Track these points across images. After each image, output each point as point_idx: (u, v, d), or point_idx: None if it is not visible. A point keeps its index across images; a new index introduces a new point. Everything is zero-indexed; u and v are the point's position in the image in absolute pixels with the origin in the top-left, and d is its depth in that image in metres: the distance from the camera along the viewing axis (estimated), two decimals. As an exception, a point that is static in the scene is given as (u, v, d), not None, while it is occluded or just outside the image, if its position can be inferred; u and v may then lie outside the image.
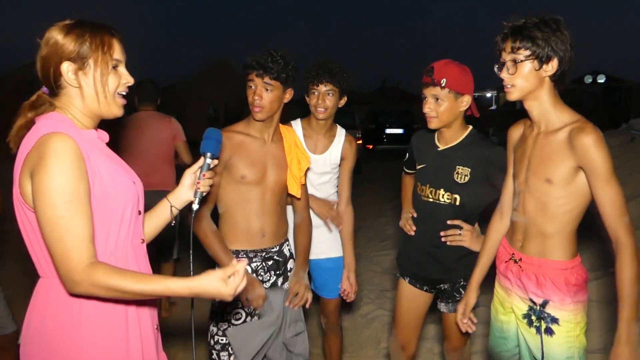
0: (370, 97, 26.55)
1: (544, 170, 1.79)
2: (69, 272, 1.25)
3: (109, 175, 1.39)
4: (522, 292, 1.92)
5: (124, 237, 1.44)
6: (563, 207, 1.79)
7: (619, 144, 5.73)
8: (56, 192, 1.24)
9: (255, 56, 2.17)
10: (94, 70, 1.39)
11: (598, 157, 1.65)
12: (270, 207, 2.26)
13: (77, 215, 1.26)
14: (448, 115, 2.22)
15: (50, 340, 1.35)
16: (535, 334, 1.88)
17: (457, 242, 2.30)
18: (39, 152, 1.27)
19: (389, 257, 5.08)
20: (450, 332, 2.45)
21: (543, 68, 1.75)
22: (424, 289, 2.44)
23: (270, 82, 2.15)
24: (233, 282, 1.32)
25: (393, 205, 2.69)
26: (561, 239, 1.82)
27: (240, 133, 2.24)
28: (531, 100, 1.81)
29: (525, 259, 1.89)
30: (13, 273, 4.67)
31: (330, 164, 2.73)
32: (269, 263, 2.29)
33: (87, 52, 1.38)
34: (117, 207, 1.40)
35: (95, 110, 1.43)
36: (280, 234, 2.34)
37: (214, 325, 2.25)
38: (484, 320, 3.51)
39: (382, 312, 4.02)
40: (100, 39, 1.40)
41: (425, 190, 2.36)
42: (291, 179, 2.30)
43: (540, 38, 1.72)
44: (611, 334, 3.01)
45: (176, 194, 1.67)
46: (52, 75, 1.38)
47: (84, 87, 1.40)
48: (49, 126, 1.33)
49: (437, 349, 3.37)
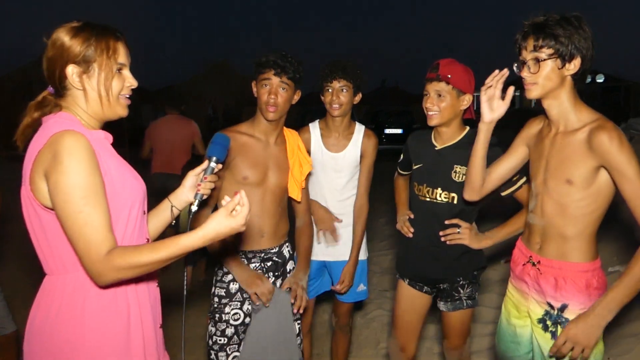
0: (370, 97, 26.57)
1: (563, 171, 1.74)
2: (92, 264, 1.29)
3: (118, 174, 1.42)
4: (539, 296, 1.87)
5: (130, 235, 1.45)
6: (584, 209, 1.74)
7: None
8: (73, 189, 1.27)
9: (271, 55, 2.17)
10: (98, 74, 1.41)
11: (621, 155, 1.60)
12: (270, 208, 2.26)
13: (95, 209, 1.29)
14: (449, 112, 2.23)
15: (53, 334, 1.38)
16: (551, 339, 1.82)
17: (456, 240, 2.30)
18: (52, 151, 1.29)
19: (388, 257, 5.09)
20: (450, 330, 2.45)
21: (565, 67, 1.71)
22: (424, 290, 2.44)
23: (287, 81, 2.17)
24: (240, 213, 1.37)
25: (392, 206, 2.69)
26: (582, 241, 1.77)
27: (245, 134, 2.24)
28: (551, 99, 1.77)
29: (544, 261, 1.84)
30: (13, 273, 4.68)
31: (349, 163, 2.70)
32: (268, 264, 2.29)
33: (92, 56, 1.40)
34: (124, 206, 1.42)
35: (98, 112, 1.46)
36: (280, 235, 2.34)
37: (212, 325, 2.25)
38: (485, 320, 3.53)
39: (381, 312, 4.02)
40: (106, 43, 1.41)
41: (422, 190, 2.36)
42: (292, 182, 2.30)
43: (563, 36, 1.68)
44: (611, 333, 3.03)
45: (177, 195, 1.69)
46: (57, 77, 1.40)
47: (87, 90, 1.42)
48: (60, 125, 1.35)
49: (437, 348, 3.37)
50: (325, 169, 2.70)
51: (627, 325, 3.06)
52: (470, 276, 2.37)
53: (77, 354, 1.38)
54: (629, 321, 3.08)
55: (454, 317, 2.40)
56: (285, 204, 2.36)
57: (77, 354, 1.38)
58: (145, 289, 1.51)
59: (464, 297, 2.36)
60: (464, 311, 2.38)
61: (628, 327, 3.04)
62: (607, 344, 2.95)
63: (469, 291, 2.36)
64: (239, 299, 2.24)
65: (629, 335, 2.97)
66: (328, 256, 2.76)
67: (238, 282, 2.21)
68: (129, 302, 1.45)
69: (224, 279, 2.26)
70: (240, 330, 2.25)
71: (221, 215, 1.35)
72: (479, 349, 3.24)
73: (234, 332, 2.24)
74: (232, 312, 2.24)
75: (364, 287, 2.85)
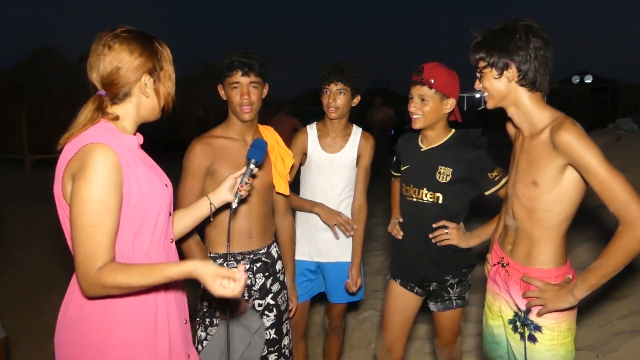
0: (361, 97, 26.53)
1: (530, 173, 1.76)
2: (83, 276, 1.35)
3: (147, 182, 1.48)
4: (508, 297, 1.91)
5: (157, 238, 1.53)
6: (550, 212, 1.75)
7: (606, 144, 5.79)
8: (89, 202, 1.34)
9: (235, 56, 2.16)
10: (165, 80, 1.55)
11: (582, 148, 1.60)
12: (257, 208, 2.26)
13: (103, 226, 1.36)
14: (432, 115, 2.27)
15: (84, 326, 1.45)
16: (519, 340, 1.86)
17: (445, 242, 2.33)
18: (81, 161, 1.36)
19: (379, 258, 5.10)
20: (441, 330, 2.47)
21: (505, 75, 1.74)
22: (414, 291, 2.46)
23: (256, 79, 2.16)
24: (222, 287, 1.39)
25: (383, 207, 2.70)
26: (548, 244, 1.78)
27: (220, 137, 2.23)
28: (511, 107, 1.81)
29: (512, 264, 1.88)
30: (3, 279, 4.65)
31: (346, 164, 2.71)
32: (258, 265, 2.29)
33: (162, 65, 1.53)
34: (152, 212, 1.49)
35: (155, 115, 1.57)
36: (268, 235, 2.34)
37: (202, 330, 2.24)
38: (475, 320, 3.55)
39: (373, 313, 4.02)
40: (168, 53, 1.55)
41: (409, 191, 2.39)
42: (277, 177, 2.29)
43: (494, 47, 1.72)
44: (600, 330, 3.07)
45: (217, 194, 1.81)
46: (124, 85, 1.47)
47: (154, 97, 1.53)
48: (94, 136, 1.41)
49: (427, 348, 3.39)
50: (322, 170, 2.71)
51: (617, 323, 3.09)
52: (460, 274, 2.39)
53: (106, 346, 1.44)
54: (618, 318, 3.11)
55: (444, 316, 2.43)
56: (270, 203, 2.37)
57: (107, 346, 1.44)
58: (171, 287, 1.57)
59: (454, 297, 2.38)
60: (454, 311, 2.41)
61: (617, 324, 3.07)
62: (596, 341, 2.99)
63: (458, 291, 2.39)
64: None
65: (618, 332, 3.00)
66: (323, 258, 2.77)
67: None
68: (157, 297, 1.51)
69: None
70: (232, 334, 2.24)
71: (212, 272, 1.39)
72: (469, 348, 3.25)
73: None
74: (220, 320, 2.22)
75: None
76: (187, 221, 1.80)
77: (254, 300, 2.30)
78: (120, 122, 1.50)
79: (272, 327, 2.34)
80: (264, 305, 2.32)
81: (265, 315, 2.32)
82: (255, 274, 2.28)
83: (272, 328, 2.34)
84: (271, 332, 2.33)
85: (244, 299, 2.21)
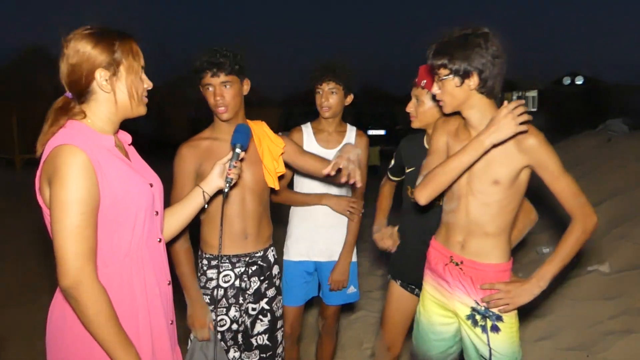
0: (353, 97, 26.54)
1: (490, 172, 1.83)
2: (65, 275, 1.34)
3: (120, 182, 1.45)
4: (464, 294, 1.95)
5: (138, 239, 1.50)
6: (505, 208, 1.85)
7: (596, 145, 5.81)
8: (71, 204, 1.33)
9: (204, 56, 2.13)
10: (127, 76, 1.49)
11: (548, 155, 1.75)
12: (251, 207, 2.23)
13: (89, 226, 1.36)
14: (427, 116, 2.30)
15: (65, 330, 1.45)
16: (482, 333, 1.92)
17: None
18: (54, 164, 1.36)
19: (370, 258, 5.09)
20: None
21: (466, 83, 1.77)
22: (415, 292, 2.46)
23: (227, 78, 2.12)
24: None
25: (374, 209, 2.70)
26: (501, 238, 1.89)
27: (207, 139, 2.21)
28: (467, 110, 1.84)
29: (466, 262, 1.93)
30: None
31: None
32: (253, 268, 2.27)
33: (120, 59, 1.47)
34: (129, 211, 1.47)
35: (126, 113, 1.53)
36: (264, 237, 2.32)
37: None
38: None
39: (365, 313, 4.02)
40: (129, 45, 1.49)
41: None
42: (266, 172, 2.25)
43: (456, 56, 1.74)
44: (588, 331, 3.08)
45: (207, 181, 1.81)
46: (83, 83, 1.45)
47: (117, 92, 1.49)
48: (64, 136, 1.41)
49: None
50: None
51: (607, 323, 3.10)
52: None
53: (90, 348, 1.43)
54: (609, 318, 3.13)
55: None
56: (266, 203, 2.33)
57: (91, 349, 1.43)
58: (156, 288, 1.56)
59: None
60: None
61: (608, 324, 3.09)
62: (587, 341, 3.00)
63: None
64: (225, 305, 2.23)
65: (609, 332, 3.01)
66: (322, 256, 2.76)
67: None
68: (138, 302, 1.50)
69: (208, 285, 2.24)
70: (228, 337, 2.24)
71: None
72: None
73: (220, 338, 2.22)
74: (218, 318, 2.22)
75: (354, 289, 2.84)
76: (182, 215, 1.78)
77: (248, 304, 2.28)
78: (94, 121, 1.49)
79: (265, 333, 2.32)
80: (257, 309, 2.30)
81: (259, 320, 2.30)
82: (250, 278, 2.26)
83: (266, 334, 2.32)
84: (264, 338, 2.31)
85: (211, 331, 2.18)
